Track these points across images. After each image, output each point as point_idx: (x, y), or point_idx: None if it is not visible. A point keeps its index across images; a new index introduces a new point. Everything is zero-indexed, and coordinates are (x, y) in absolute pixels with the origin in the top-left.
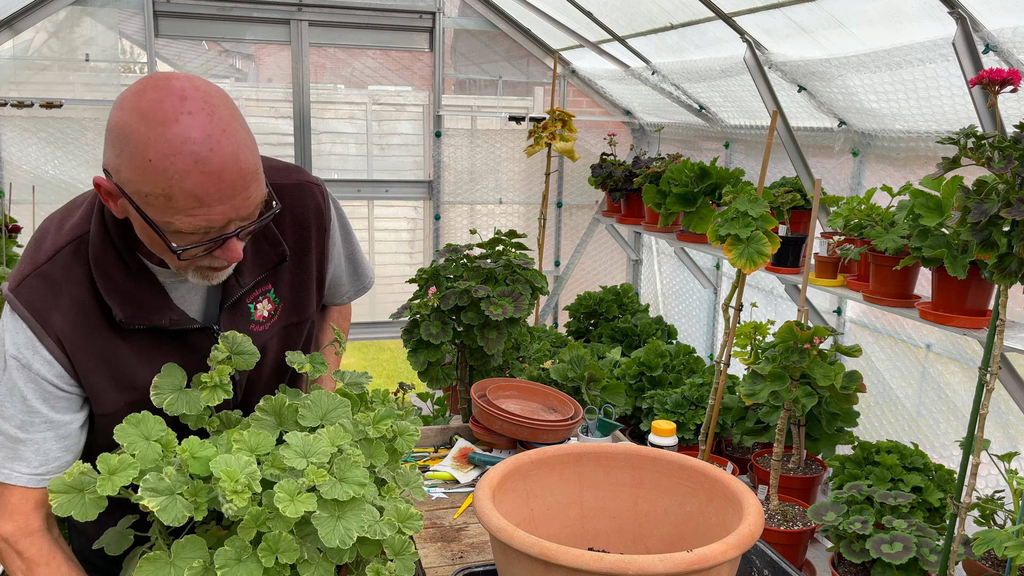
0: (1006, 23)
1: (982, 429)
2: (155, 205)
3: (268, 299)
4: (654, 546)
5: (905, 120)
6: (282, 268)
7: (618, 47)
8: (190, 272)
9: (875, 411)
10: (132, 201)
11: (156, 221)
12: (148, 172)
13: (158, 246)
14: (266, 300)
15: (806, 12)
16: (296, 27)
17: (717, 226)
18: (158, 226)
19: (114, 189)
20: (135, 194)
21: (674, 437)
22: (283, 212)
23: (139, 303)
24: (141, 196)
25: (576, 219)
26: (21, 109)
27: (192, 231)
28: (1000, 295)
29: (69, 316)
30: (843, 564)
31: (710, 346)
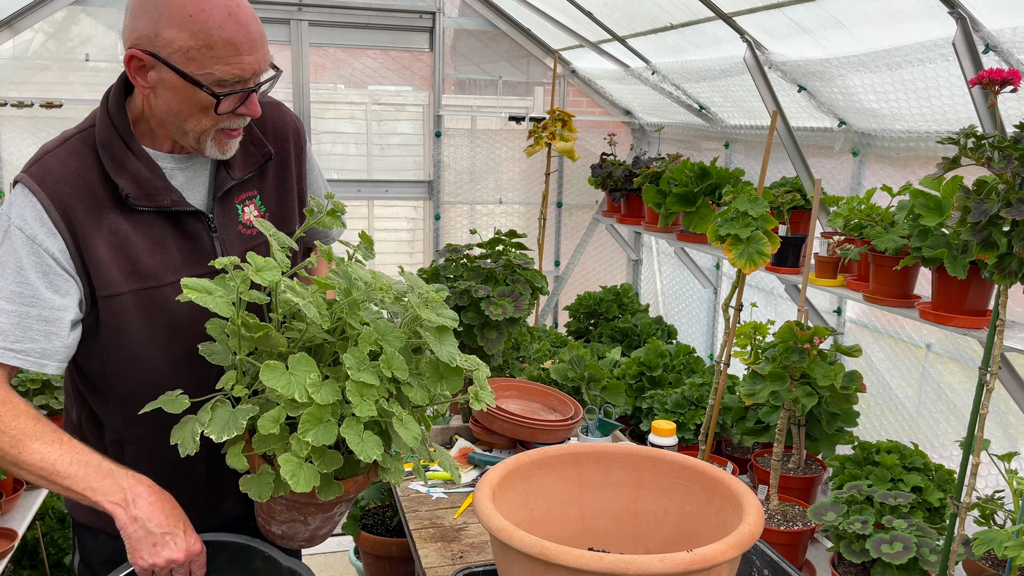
0: (1006, 23)
1: (982, 429)
2: (197, 58)
3: (255, 204)
4: (654, 546)
5: (905, 120)
6: (267, 174)
7: (618, 47)
8: (209, 142)
9: (875, 411)
10: (171, 64)
11: (197, 75)
12: (190, 26)
13: (194, 106)
14: (252, 206)
15: (806, 12)
16: (296, 27)
17: (717, 226)
18: (199, 80)
19: (148, 59)
20: (176, 52)
21: (674, 437)
22: (264, 122)
23: (143, 183)
24: (183, 53)
25: (576, 219)
26: (21, 109)
27: (229, 79)
28: (1000, 295)
29: (77, 191)
30: (843, 564)
31: (710, 346)
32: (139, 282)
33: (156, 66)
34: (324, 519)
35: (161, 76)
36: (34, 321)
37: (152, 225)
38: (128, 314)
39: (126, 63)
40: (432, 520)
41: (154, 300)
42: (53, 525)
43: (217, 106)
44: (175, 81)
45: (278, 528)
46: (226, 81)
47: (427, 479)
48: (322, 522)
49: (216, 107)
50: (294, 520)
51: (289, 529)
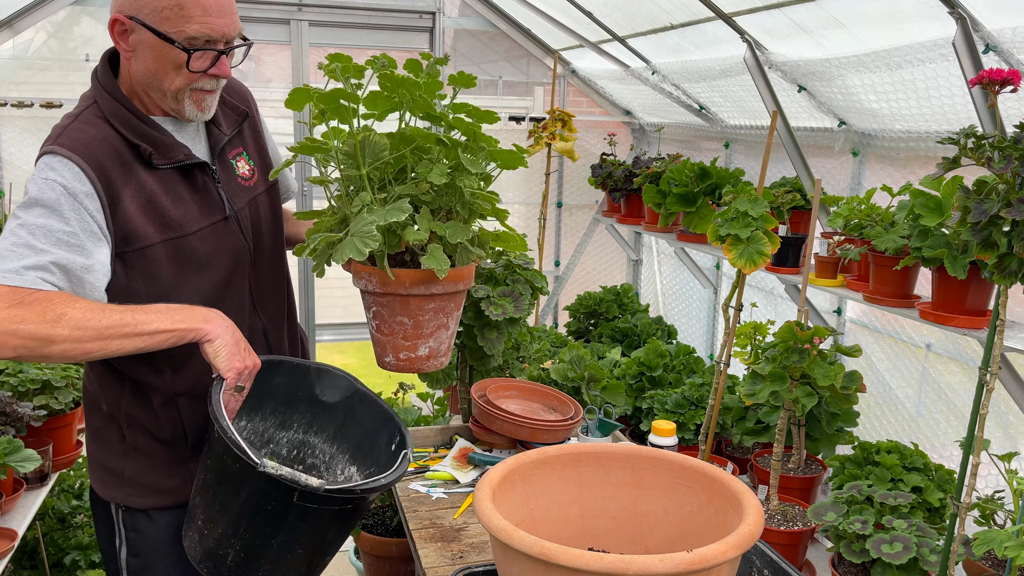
0: (1006, 23)
1: (982, 429)
2: (170, 17)
3: (244, 160)
4: (654, 546)
5: (905, 120)
6: (244, 132)
7: (618, 47)
8: (186, 102)
9: (875, 411)
10: (147, 24)
11: (170, 32)
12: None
13: (169, 65)
14: (242, 161)
15: (806, 12)
16: (296, 27)
17: (717, 226)
18: (172, 36)
19: (129, 22)
20: (152, 13)
21: (674, 437)
22: (230, 88)
23: (158, 143)
24: (157, 13)
25: (576, 219)
26: (21, 109)
27: (199, 37)
28: (1000, 295)
29: (106, 153)
30: (843, 564)
31: (710, 346)
32: (168, 232)
33: (136, 28)
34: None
35: (140, 37)
36: (78, 270)
37: (170, 180)
38: (161, 263)
39: (110, 28)
40: (432, 520)
41: (181, 248)
42: (53, 525)
43: (188, 62)
44: (151, 40)
45: (425, 348)
46: (196, 39)
47: (425, 479)
48: (455, 324)
49: (188, 63)
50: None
51: (435, 342)
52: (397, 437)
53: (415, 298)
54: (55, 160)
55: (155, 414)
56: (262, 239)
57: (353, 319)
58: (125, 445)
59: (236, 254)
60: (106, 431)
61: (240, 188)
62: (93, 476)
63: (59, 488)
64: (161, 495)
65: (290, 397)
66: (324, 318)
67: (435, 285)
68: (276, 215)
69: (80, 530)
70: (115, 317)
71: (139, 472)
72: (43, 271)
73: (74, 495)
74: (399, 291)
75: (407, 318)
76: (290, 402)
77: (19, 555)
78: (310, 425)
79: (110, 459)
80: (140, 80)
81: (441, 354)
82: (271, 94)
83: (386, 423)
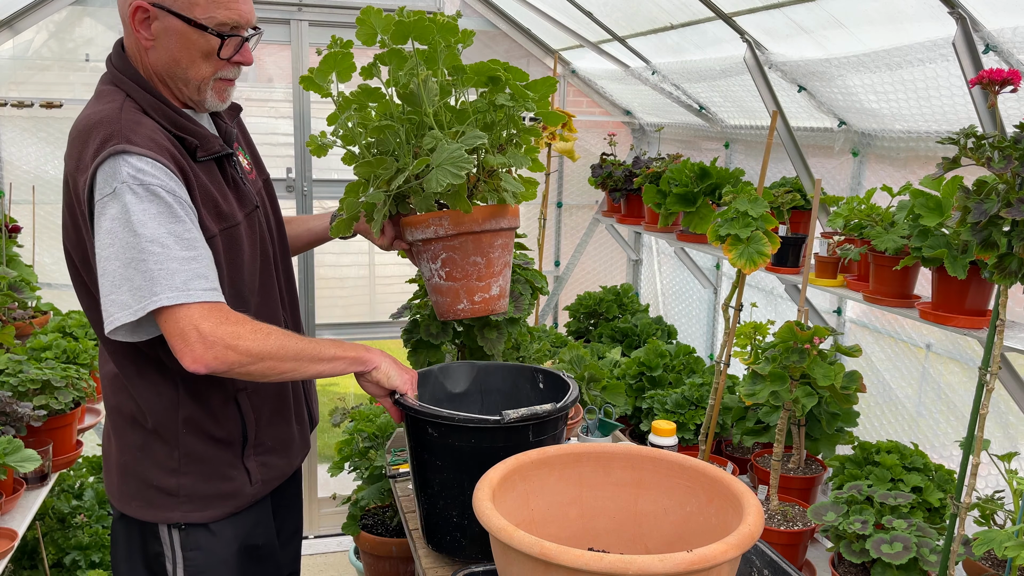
0: (1006, 23)
1: (982, 429)
2: (199, 3)
3: (242, 155)
4: (654, 546)
5: (905, 120)
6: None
7: (618, 47)
8: (209, 90)
9: (875, 411)
10: (175, 12)
11: (201, 19)
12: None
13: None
14: (242, 155)
15: (806, 12)
16: (296, 27)
17: (717, 226)
18: (204, 23)
19: (153, 10)
20: (178, 0)
21: (674, 437)
22: None
23: (198, 136)
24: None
25: (576, 219)
26: (21, 109)
27: (229, 23)
28: (1000, 295)
29: (165, 145)
30: (843, 564)
31: (710, 346)
32: (223, 222)
33: (160, 16)
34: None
35: (165, 25)
36: (209, 257)
37: (212, 172)
38: (220, 255)
39: (131, 16)
40: None
41: (234, 238)
42: (53, 525)
43: (220, 48)
44: (179, 27)
45: (496, 287)
46: (226, 25)
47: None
48: (510, 263)
49: (219, 50)
50: (506, 264)
51: (503, 280)
52: (539, 375)
53: (487, 234)
54: (134, 160)
55: (215, 415)
56: (274, 232)
57: (353, 319)
58: (176, 458)
59: (263, 247)
60: (151, 448)
61: (251, 181)
62: (132, 502)
63: (59, 488)
64: (222, 502)
65: (433, 401)
66: (324, 318)
67: (504, 218)
68: (277, 211)
69: (80, 530)
70: (302, 342)
71: (196, 483)
72: (206, 280)
73: (74, 495)
74: (473, 228)
75: (480, 256)
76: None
77: (19, 555)
78: None
79: (160, 477)
80: (161, 70)
81: (506, 294)
82: (271, 94)
83: (520, 372)
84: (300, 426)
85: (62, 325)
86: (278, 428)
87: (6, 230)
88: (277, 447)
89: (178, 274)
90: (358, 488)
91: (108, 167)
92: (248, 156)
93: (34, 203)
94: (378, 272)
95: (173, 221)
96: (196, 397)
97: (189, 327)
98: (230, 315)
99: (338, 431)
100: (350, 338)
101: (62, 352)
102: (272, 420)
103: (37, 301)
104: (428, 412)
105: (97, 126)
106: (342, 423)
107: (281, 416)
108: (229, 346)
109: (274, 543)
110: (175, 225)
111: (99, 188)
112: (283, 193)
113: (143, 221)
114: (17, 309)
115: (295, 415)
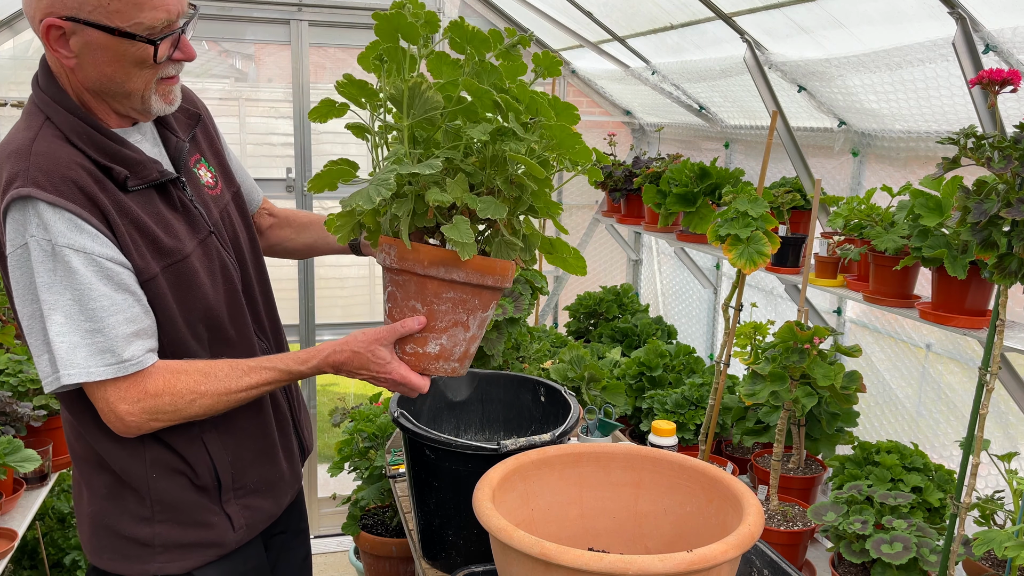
0: (1006, 23)
1: (982, 429)
2: (119, 10)
3: (204, 167)
4: (654, 546)
5: (905, 120)
6: (198, 137)
7: (618, 47)
8: (153, 96)
9: (875, 411)
10: (95, 23)
11: (125, 26)
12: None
13: (129, 63)
14: (203, 168)
15: (806, 12)
16: (296, 27)
17: (717, 226)
18: (130, 30)
19: (68, 24)
20: (97, 10)
21: (674, 437)
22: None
23: (130, 162)
24: (103, 9)
25: (576, 219)
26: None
27: (158, 24)
28: (1000, 295)
29: (87, 185)
30: (843, 564)
31: (710, 346)
32: (165, 259)
33: (78, 30)
34: (480, 323)
35: (85, 40)
36: (123, 323)
37: (149, 201)
38: (165, 296)
39: (43, 36)
40: None
41: (182, 273)
42: (53, 525)
43: (155, 54)
44: (103, 40)
45: (435, 344)
46: (155, 27)
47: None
48: (477, 328)
49: (155, 55)
50: (456, 323)
51: (448, 341)
52: (540, 388)
53: (432, 281)
54: (45, 210)
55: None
56: (243, 252)
57: (353, 319)
58: (148, 505)
59: (225, 272)
60: (121, 495)
61: (209, 197)
62: (103, 555)
63: (59, 488)
64: (203, 550)
65: (433, 410)
66: (324, 318)
67: (457, 270)
68: (248, 225)
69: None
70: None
71: (172, 531)
72: (112, 354)
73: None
74: (416, 269)
75: (420, 303)
76: (434, 416)
77: (19, 555)
78: (456, 428)
79: (132, 527)
80: (92, 87)
81: (454, 357)
82: (271, 94)
83: (522, 384)
84: (289, 463)
85: None
86: (262, 468)
87: None
88: (261, 488)
89: (79, 349)
90: (358, 488)
91: (17, 213)
92: (213, 167)
93: None
94: (378, 272)
95: (77, 287)
96: (159, 439)
97: (104, 407)
98: (147, 385)
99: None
100: None
101: None
102: (256, 460)
103: None
104: (426, 436)
105: (8, 158)
106: (342, 423)
107: (265, 455)
108: (152, 418)
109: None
110: (79, 292)
111: (9, 238)
112: (283, 193)
113: (48, 285)
114: None
115: (283, 451)
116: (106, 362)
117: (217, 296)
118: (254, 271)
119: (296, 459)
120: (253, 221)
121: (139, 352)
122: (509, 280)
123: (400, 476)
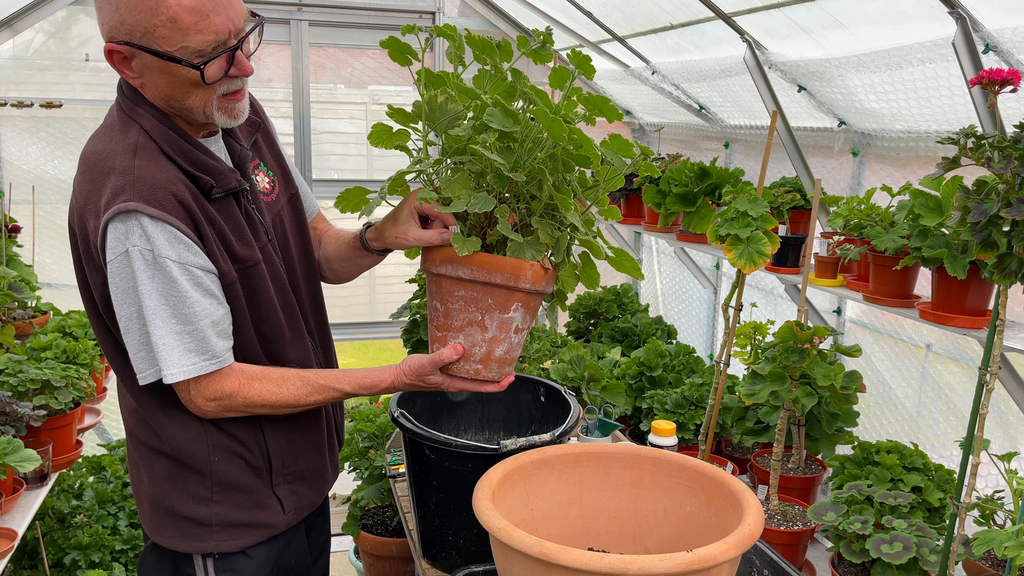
0: (1006, 23)
1: (982, 429)
2: (166, 36)
3: (263, 172)
4: (654, 546)
5: (905, 120)
6: (259, 142)
7: (618, 47)
8: (216, 112)
9: (875, 411)
10: (145, 47)
11: (172, 51)
12: (148, 4)
13: (184, 83)
14: (262, 174)
15: (806, 12)
16: (296, 27)
17: (717, 226)
18: (176, 55)
19: (126, 48)
20: (146, 34)
21: (674, 437)
22: None
23: (214, 172)
24: (151, 34)
25: None
26: (21, 109)
27: (206, 47)
28: (1000, 295)
29: (185, 199)
30: (843, 564)
31: (710, 346)
32: (239, 264)
33: (135, 54)
34: (500, 325)
35: (144, 62)
36: (211, 326)
37: (227, 209)
38: (240, 300)
39: (108, 59)
40: None
41: (252, 278)
42: (53, 525)
43: (203, 76)
44: (157, 64)
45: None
46: (204, 50)
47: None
48: (497, 329)
49: (203, 77)
50: (471, 322)
51: (465, 340)
52: (540, 388)
53: (445, 279)
54: (148, 224)
55: (243, 441)
56: (292, 258)
57: (353, 319)
58: (209, 486)
59: (279, 279)
60: (181, 478)
61: (265, 204)
62: (164, 532)
63: (59, 488)
64: (256, 531)
65: (432, 409)
66: None
67: (462, 267)
68: (303, 230)
69: (80, 530)
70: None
71: (229, 512)
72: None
73: (74, 495)
74: (430, 268)
75: (439, 302)
76: (434, 416)
77: (19, 555)
78: (456, 428)
79: (192, 507)
80: (162, 104)
81: (475, 359)
82: (271, 94)
83: (522, 384)
84: (332, 456)
85: (62, 325)
86: (310, 457)
87: (6, 230)
88: (307, 476)
89: (174, 350)
90: (358, 488)
91: (120, 224)
92: (271, 172)
93: (34, 203)
94: (378, 272)
95: (173, 294)
96: (221, 426)
97: (186, 396)
98: (224, 385)
99: None
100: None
101: (62, 352)
102: (305, 449)
103: (37, 301)
104: (426, 436)
105: (111, 171)
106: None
107: (314, 446)
108: (225, 411)
109: (307, 562)
110: (176, 298)
111: (111, 246)
112: None
113: (148, 291)
114: (17, 309)
115: (327, 444)
116: (195, 360)
117: (277, 301)
118: (303, 273)
119: (336, 453)
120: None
121: (223, 351)
122: (525, 280)
123: (400, 476)
